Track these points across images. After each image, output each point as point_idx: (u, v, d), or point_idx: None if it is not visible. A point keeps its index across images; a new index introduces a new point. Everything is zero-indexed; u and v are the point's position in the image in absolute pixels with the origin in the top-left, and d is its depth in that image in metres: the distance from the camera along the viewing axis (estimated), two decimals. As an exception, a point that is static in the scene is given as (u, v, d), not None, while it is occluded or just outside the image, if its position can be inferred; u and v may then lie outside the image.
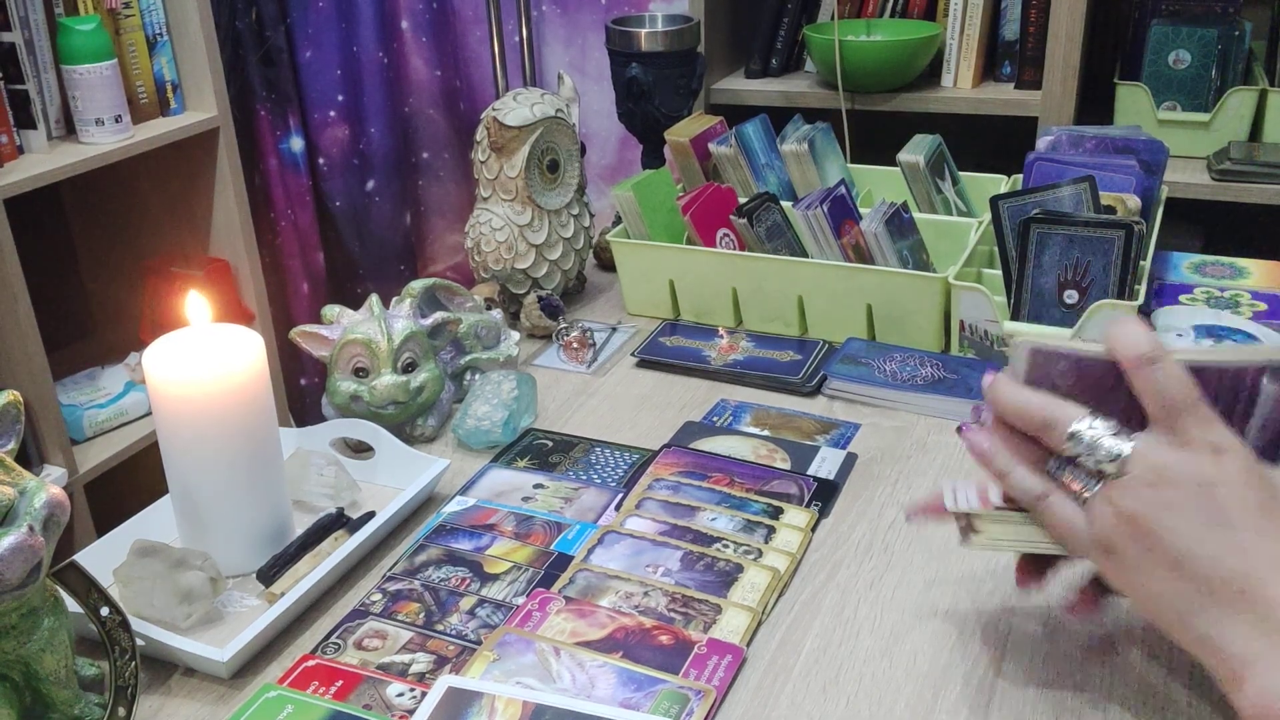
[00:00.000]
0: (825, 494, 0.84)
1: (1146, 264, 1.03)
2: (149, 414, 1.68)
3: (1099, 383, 0.58)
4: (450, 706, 0.63)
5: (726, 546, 0.77)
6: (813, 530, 0.80)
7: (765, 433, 0.93)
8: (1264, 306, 1.04)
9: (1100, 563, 0.58)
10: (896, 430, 0.92)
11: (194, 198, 1.81)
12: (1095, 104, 1.86)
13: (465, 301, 1.03)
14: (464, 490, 0.87)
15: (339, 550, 0.75)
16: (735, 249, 1.11)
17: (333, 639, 0.70)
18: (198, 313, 0.74)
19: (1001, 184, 1.22)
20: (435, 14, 2.29)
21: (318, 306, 1.46)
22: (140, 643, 0.66)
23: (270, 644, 0.71)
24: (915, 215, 1.09)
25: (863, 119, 1.87)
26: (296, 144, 2.17)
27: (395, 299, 0.95)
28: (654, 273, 1.14)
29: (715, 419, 0.96)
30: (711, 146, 1.22)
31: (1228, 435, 0.55)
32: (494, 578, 0.75)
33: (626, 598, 0.72)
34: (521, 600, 0.73)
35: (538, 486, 0.86)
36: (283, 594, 0.72)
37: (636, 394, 1.01)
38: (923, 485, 0.85)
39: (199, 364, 0.72)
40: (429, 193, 2.44)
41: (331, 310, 0.94)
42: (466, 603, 0.73)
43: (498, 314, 1.03)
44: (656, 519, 0.80)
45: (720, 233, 1.11)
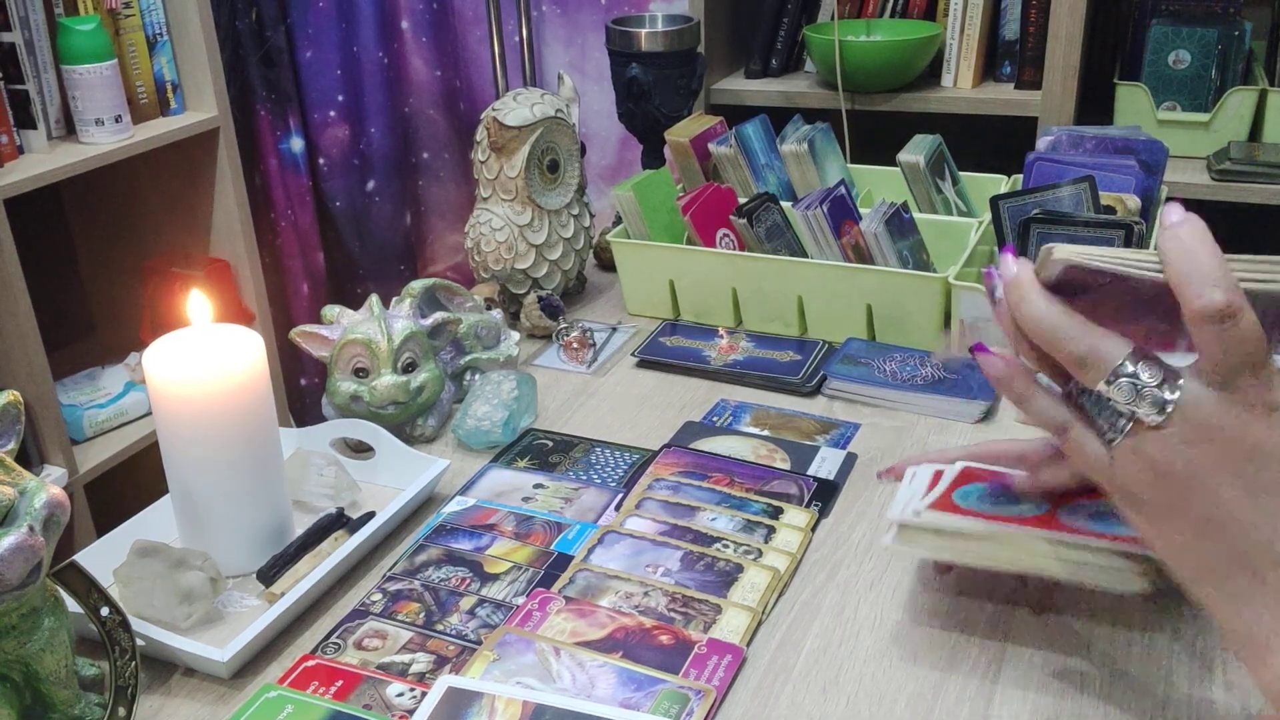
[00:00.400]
0: (825, 494, 0.84)
1: (1146, 264, 1.03)
2: (149, 414, 1.68)
3: (1139, 300, 0.52)
4: (450, 706, 0.63)
5: (726, 546, 0.77)
6: (813, 530, 0.80)
7: (765, 433, 0.93)
8: (1264, 306, 1.03)
9: (1122, 507, 0.54)
10: (896, 430, 0.92)
11: (194, 198, 1.81)
12: (1095, 104, 1.86)
13: (465, 301, 1.03)
14: (464, 490, 0.87)
15: (339, 550, 0.75)
16: (735, 249, 1.11)
17: (333, 639, 0.70)
18: (199, 313, 0.74)
19: (1001, 184, 1.22)
20: (435, 14, 2.29)
21: (318, 306, 1.46)
22: (140, 643, 0.66)
23: (270, 644, 0.71)
24: (915, 215, 1.09)
25: (863, 119, 1.87)
26: (297, 144, 2.17)
27: (395, 299, 0.95)
28: (654, 273, 1.14)
29: (715, 419, 0.96)
30: (711, 147, 1.22)
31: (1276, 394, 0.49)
32: (494, 578, 0.75)
33: (626, 598, 0.72)
34: (521, 600, 0.73)
35: (538, 486, 0.86)
36: (283, 594, 0.72)
37: (636, 394, 1.01)
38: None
39: (199, 364, 0.72)
40: (429, 193, 2.44)
41: (331, 310, 0.94)
42: (466, 603, 0.73)
43: (498, 314, 1.03)
44: (656, 519, 0.80)
45: (720, 233, 1.11)
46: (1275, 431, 0.49)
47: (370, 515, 0.80)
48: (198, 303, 0.74)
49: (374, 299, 0.92)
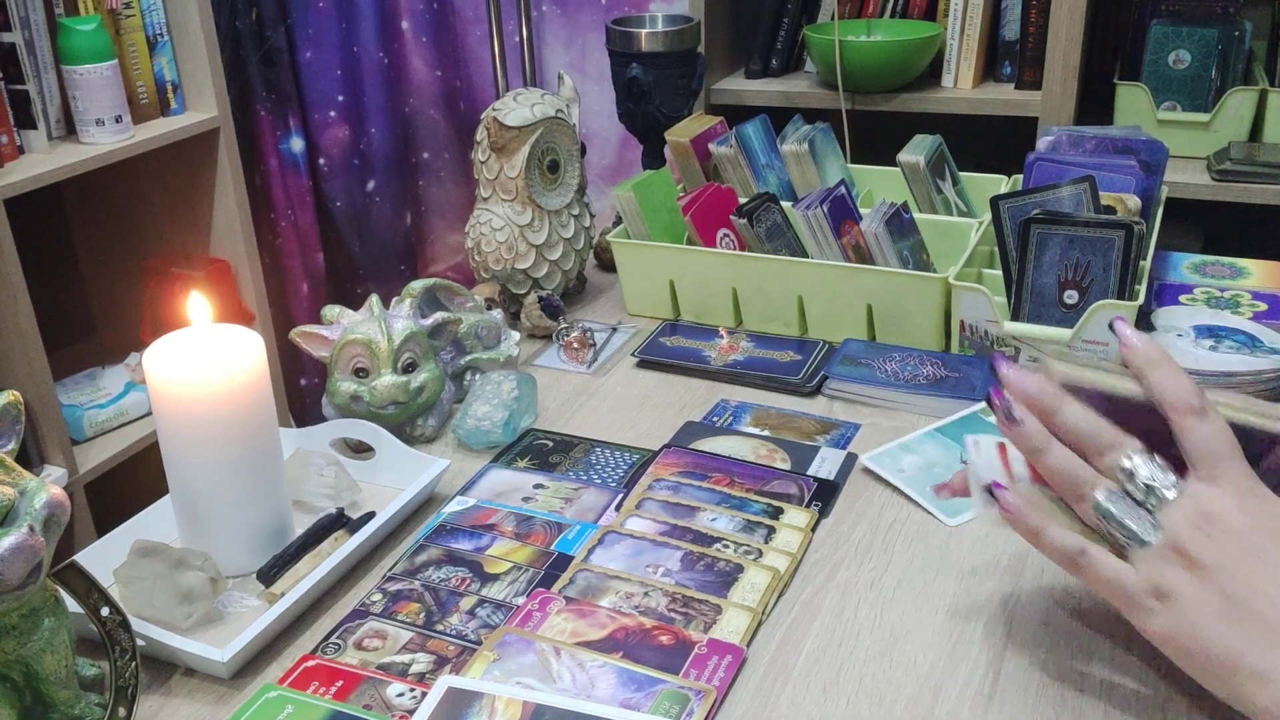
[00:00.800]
0: (825, 494, 0.84)
1: (1146, 264, 1.03)
2: (149, 414, 1.68)
3: (1120, 418, 0.59)
4: (450, 707, 0.63)
5: (727, 547, 0.77)
6: (813, 530, 0.80)
7: (765, 433, 0.93)
8: (1264, 306, 1.04)
9: (1150, 612, 0.56)
10: (896, 430, 0.92)
11: (194, 198, 1.81)
12: (1095, 104, 1.86)
13: (465, 301, 1.03)
14: (464, 490, 0.87)
15: (339, 550, 0.75)
16: (735, 249, 1.11)
17: (333, 639, 0.70)
18: (200, 313, 0.74)
19: (1002, 184, 1.22)
20: (435, 14, 2.29)
21: (318, 307, 1.46)
22: (140, 643, 0.66)
23: (270, 644, 0.71)
24: (915, 215, 1.09)
25: (863, 119, 1.87)
26: (297, 144, 2.17)
27: (395, 299, 0.95)
28: (654, 273, 1.14)
29: (715, 419, 0.96)
30: (712, 147, 1.22)
31: (1261, 483, 0.56)
32: (494, 578, 0.75)
33: (627, 598, 0.72)
34: (522, 600, 0.73)
35: (538, 487, 0.86)
36: (283, 594, 0.72)
37: (636, 394, 1.01)
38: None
39: (199, 364, 0.72)
40: (429, 193, 2.44)
41: (331, 310, 0.94)
42: (467, 603, 0.73)
43: (498, 314, 1.03)
44: (657, 519, 0.80)
45: (720, 233, 1.11)
46: (1269, 511, 0.55)
47: (370, 515, 0.80)
48: (198, 303, 0.74)
49: (374, 299, 0.92)
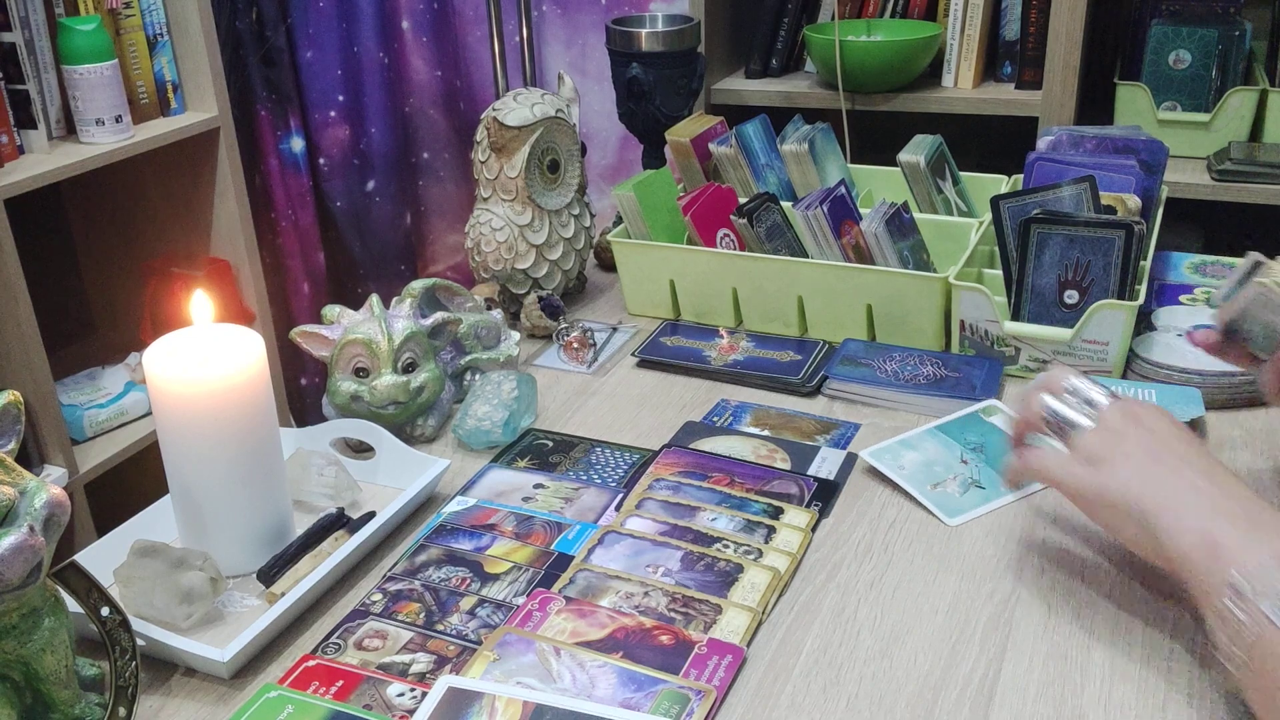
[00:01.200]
0: (825, 494, 0.84)
1: (1146, 264, 1.03)
2: (149, 414, 1.68)
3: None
4: (450, 706, 0.63)
5: (727, 547, 0.77)
6: (813, 530, 0.80)
7: (765, 433, 0.93)
8: (1264, 306, 1.03)
9: (1080, 477, 0.67)
10: (896, 430, 0.92)
11: (194, 198, 1.81)
12: (1095, 104, 1.86)
13: (465, 301, 1.03)
14: (464, 490, 0.87)
15: (339, 550, 0.75)
16: (735, 249, 1.11)
17: (333, 639, 0.70)
18: (201, 312, 0.74)
19: (1002, 184, 1.22)
20: (435, 14, 2.29)
21: (318, 306, 1.46)
22: (140, 643, 0.66)
23: (270, 644, 0.71)
24: (915, 215, 1.09)
25: (863, 119, 1.87)
26: (297, 144, 2.17)
27: (395, 299, 0.95)
28: (654, 273, 1.14)
29: (715, 419, 0.96)
30: (712, 146, 1.22)
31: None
32: (494, 578, 0.75)
33: (627, 598, 0.72)
34: (522, 600, 0.73)
35: (538, 486, 0.86)
36: (283, 594, 0.72)
37: (637, 394, 1.01)
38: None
39: (199, 364, 0.72)
40: (429, 193, 2.44)
41: (332, 310, 0.94)
42: (467, 603, 0.73)
43: (498, 314, 1.03)
44: (657, 519, 0.80)
45: (720, 233, 1.11)
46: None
47: (370, 515, 0.80)
48: (198, 303, 0.74)
49: (374, 299, 0.92)
